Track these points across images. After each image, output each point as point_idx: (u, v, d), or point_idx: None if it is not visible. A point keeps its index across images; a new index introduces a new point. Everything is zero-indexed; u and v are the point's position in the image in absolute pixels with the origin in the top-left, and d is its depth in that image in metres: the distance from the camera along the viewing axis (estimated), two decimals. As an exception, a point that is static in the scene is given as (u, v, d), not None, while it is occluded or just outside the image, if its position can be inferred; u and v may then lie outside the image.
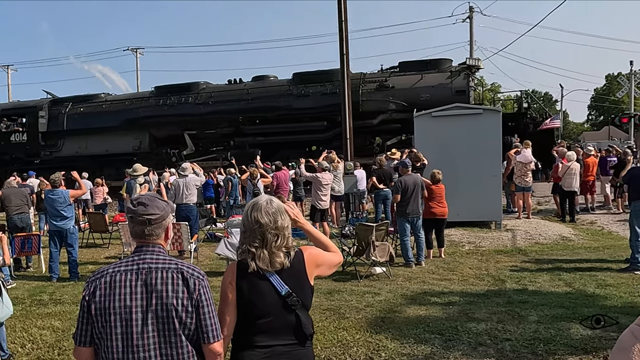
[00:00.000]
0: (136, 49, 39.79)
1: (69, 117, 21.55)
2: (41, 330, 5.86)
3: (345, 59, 12.98)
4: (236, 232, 8.09)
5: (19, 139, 22.27)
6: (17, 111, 22.94)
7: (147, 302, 2.06)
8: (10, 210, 9.48)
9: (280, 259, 2.26)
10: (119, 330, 2.06)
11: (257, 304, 2.25)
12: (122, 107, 20.96)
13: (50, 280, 8.26)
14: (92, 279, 2.14)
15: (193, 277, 2.11)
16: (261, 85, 19.29)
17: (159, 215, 2.19)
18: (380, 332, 5.23)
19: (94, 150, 21.14)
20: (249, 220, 2.31)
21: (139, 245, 2.18)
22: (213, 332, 2.12)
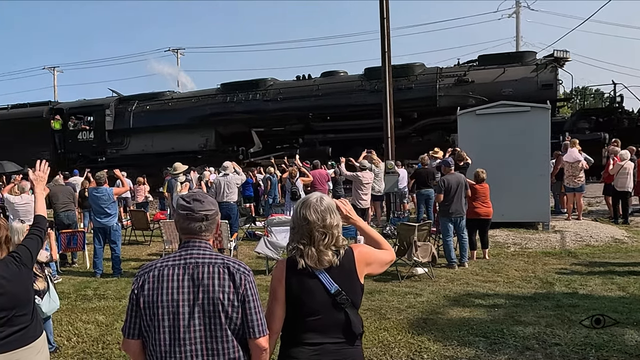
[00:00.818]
0: (177, 50, 40.67)
1: (135, 115, 21.74)
2: (86, 324, 6.07)
3: (387, 56, 12.91)
4: (276, 231, 8.18)
5: (86, 137, 22.59)
6: (84, 109, 23.18)
7: (194, 296, 2.11)
8: (57, 208, 9.86)
9: (328, 257, 2.26)
10: (166, 324, 2.11)
11: (306, 302, 2.27)
12: (188, 104, 20.98)
13: (95, 276, 8.54)
14: (141, 272, 2.21)
15: (239, 272, 2.15)
16: (331, 81, 18.92)
17: (214, 211, 2.25)
18: (423, 333, 5.17)
19: (160, 148, 21.13)
20: (297, 217, 2.33)
21: (186, 241, 2.23)
22: (259, 327, 2.15)
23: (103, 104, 22.40)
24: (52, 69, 45.20)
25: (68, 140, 22.95)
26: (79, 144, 22.78)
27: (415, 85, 17.33)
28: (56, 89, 44.88)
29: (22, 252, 2.97)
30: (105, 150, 22.35)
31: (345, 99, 18.27)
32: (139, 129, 21.39)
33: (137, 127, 21.45)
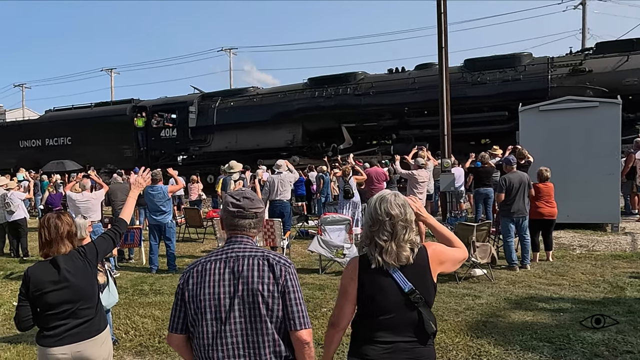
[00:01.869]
0: (230, 49, 41.50)
1: (218, 111, 21.62)
2: (143, 318, 6.28)
3: (444, 52, 12.68)
4: (329, 230, 8.21)
5: (168, 135, 22.73)
6: (168, 107, 23.24)
7: (234, 289, 2.16)
8: (116, 205, 10.27)
9: (406, 253, 2.27)
10: (209, 317, 2.17)
11: (379, 300, 2.28)
12: (274, 100, 20.66)
13: (150, 271, 8.84)
14: (187, 269, 2.29)
15: (279, 263, 2.19)
16: (428, 73, 17.86)
17: (262, 209, 2.32)
18: (482, 336, 5.06)
19: (244, 145, 20.86)
20: (378, 213, 2.32)
21: (231, 237, 2.29)
22: (300, 320, 2.16)
23: (186, 101, 22.44)
24: (109, 71, 47.17)
25: (151, 137, 23.17)
26: (161, 142, 23.00)
27: (523, 77, 16.48)
28: (113, 90, 46.81)
29: (89, 248, 3.13)
30: (188, 148, 22.43)
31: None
32: (223, 126, 21.31)
33: (221, 123, 21.35)
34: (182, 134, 22.27)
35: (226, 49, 41.53)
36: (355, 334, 2.38)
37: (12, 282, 8.56)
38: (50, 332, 2.96)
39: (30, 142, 26.34)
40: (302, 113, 19.77)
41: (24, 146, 26.46)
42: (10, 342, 5.72)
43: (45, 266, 3.00)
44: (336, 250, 7.99)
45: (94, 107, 25.37)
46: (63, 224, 3.06)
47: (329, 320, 2.47)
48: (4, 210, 10.73)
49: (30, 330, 5.90)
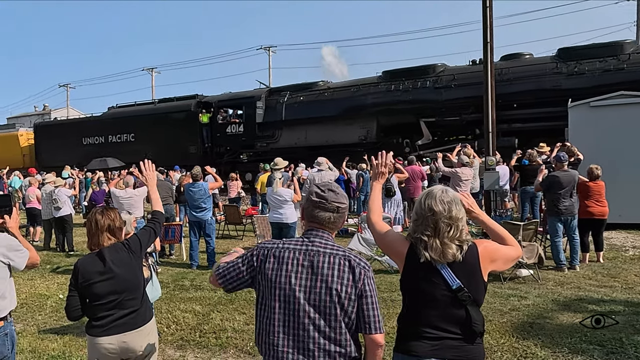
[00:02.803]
0: (269, 47, 41.85)
1: (287, 106, 21.04)
2: (184, 313, 6.43)
3: (489, 47, 12.44)
4: (369, 227, 8.19)
5: (235, 131, 22.29)
6: (234, 102, 22.90)
7: (311, 284, 2.16)
8: (156, 201, 10.53)
9: (452, 251, 2.25)
10: (280, 305, 2.19)
11: (425, 295, 2.28)
12: (347, 94, 19.86)
13: (191, 267, 9.03)
14: (265, 245, 2.29)
15: (359, 266, 2.18)
16: (517, 64, 17.17)
17: (346, 205, 2.31)
18: (528, 338, 4.96)
19: (314, 141, 20.27)
20: (422, 208, 2.33)
21: (310, 229, 2.29)
22: (375, 324, 2.16)
23: (254, 96, 22.05)
24: (150, 70, 48.30)
25: (216, 134, 22.84)
26: (227, 138, 22.57)
27: (627, 66, 15.47)
28: (154, 89, 47.92)
29: (133, 240, 3.23)
30: (255, 144, 22.01)
31: (535, 84, 16.39)
32: (292, 121, 20.78)
33: (290, 119, 20.82)
34: (248, 130, 21.89)
35: (265, 47, 41.90)
36: (401, 328, 2.38)
37: (59, 276, 8.89)
38: (98, 322, 3.07)
39: (93, 139, 26.59)
40: (377, 107, 19.02)
41: (86, 143, 26.72)
42: (58, 333, 5.95)
43: (92, 258, 3.13)
44: (376, 249, 7.98)
45: (157, 103, 25.31)
46: (104, 218, 3.18)
47: None
48: (52, 207, 11.16)
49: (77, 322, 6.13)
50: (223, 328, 5.83)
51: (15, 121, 46.77)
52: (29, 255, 3.22)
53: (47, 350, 5.36)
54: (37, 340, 5.74)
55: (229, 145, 22.87)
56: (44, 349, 5.42)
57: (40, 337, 5.84)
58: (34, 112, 60.77)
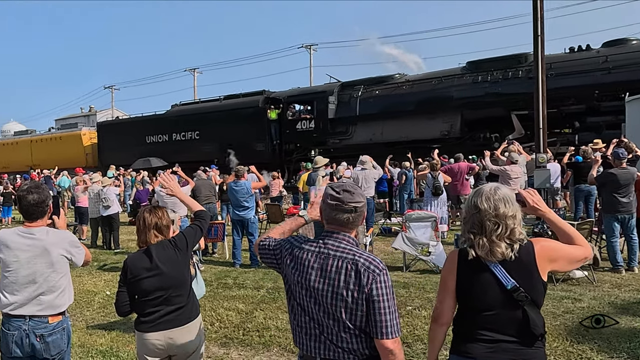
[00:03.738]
0: (310, 46, 42.00)
1: (361, 101, 20.28)
2: (227, 311, 6.52)
3: (540, 40, 12.13)
4: (414, 227, 8.11)
5: (305, 127, 21.62)
6: (305, 97, 22.27)
7: (320, 286, 2.20)
8: (200, 200, 10.70)
9: (501, 250, 2.20)
10: (298, 302, 2.28)
11: (478, 296, 2.24)
12: (427, 87, 18.98)
13: (234, 266, 9.15)
14: (291, 240, 2.37)
15: (368, 270, 2.15)
16: (622, 50, 15.96)
17: (363, 203, 2.29)
18: (583, 342, 4.80)
19: (391, 137, 19.37)
20: (468, 206, 2.31)
21: (329, 231, 2.30)
22: (384, 329, 2.13)
23: (326, 91, 21.40)
24: (192, 71, 49.20)
25: (285, 130, 22.31)
26: (297, 134, 22.00)
27: None
28: (196, 90, 48.79)
29: (179, 238, 3.31)
30: (327, 140, 21.39)
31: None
32: (367, 116, 19.99)
33: (365, 114, 20.07)
34: (320, 126, 21.13)
35: (306, 45, 42.04)
36: (456, 330, 2.35)
37: (105, 273, 9.18)
38: (146, 318, 3.16)
39: (157, 137, 26.54)
40: (462, 100, 17.98)
41: (150, 141, 26.75)
42: (105, 329, 6.13)
43: (140, 255, 3.22)
44: (421, 248, 7.89)
45: (222, 100, 25.05)
46: (151, 216, 3.27)
47: (432, 314, 2.46)
48: (99, 205, 11.52)
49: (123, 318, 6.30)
50: (266, 326, 5.88)
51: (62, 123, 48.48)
52: (84, 253, 3.34)
53: (96, 346, 5.54)
54: (85, 335, 5.94)
55: (299, 142, 22.34)
56: (93, 344, 5.60)
57: (88, 333, 6.04)
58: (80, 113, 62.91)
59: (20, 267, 3.10)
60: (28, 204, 3.16)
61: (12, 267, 3.11)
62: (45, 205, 3.23)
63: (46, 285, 3.13)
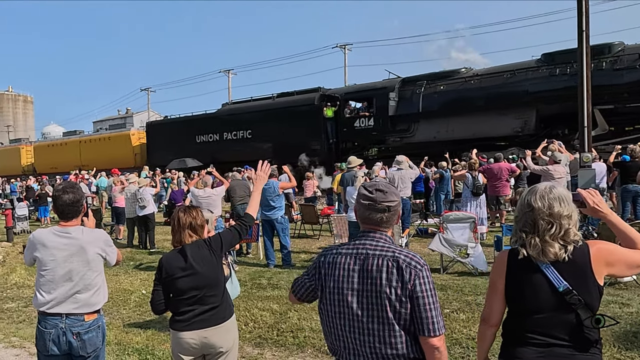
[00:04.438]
0: (344, 45, 41.96)
1: (425, 97, 19.50)
2: (261, 311, 6.54)
3: (584, 35, 11.77)
4: (452, 228, 7.99)
5: (363, 125, 20.94)
6: (364, 94, 21.50)
7: (362, 287, 2.18)
8: (235, 201, 10.83)
9: (554, 250, 2.15)
10: (336, 309, 2.24)
11: (528, 297, 2.19)
12: (498, 81, 18.11)
13: (268, 266, 9.19)
14: (324, 252, 2.38)
15: (410, 266, 2.14)
16: None
17: (397, 202, 2.28)
18: (632, 348, 4.64)
19: (458, 135, 18.59)
20: (521, 205, 2.26)
21: (363, 231, 2.30)
22: (430, 326, 2.11)
23: (386, 87, 20.65)
24: (227, 72, 49.78)
25: (342, 128, 21.77)
26: (355, 133, 21.41)
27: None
28: (230, 91, 49.33)
29: (214, 239, 3.33)
30: (387, 138, 20.85)
31: None
32: (431, 113, 19.25)
33: (428, 110, 19.31)
34: (380, 124, 20.41)
35: (341, 45, 42.03)
36: (506, 333, 2.30)
37: (141, 272, 9.34)
38: (180, 317, 3.19)
39: (207, 137, 26.28)
40: (537, 95, 17.04)
41: (200, 141, 26.51)
42: (141, 327, 6.24)
43: (175, 254, 3.26)
44: (459, 250, 7.76)
45: (275, 98, 24.56)
46: (186, 216, 3.30)
47: (481, 315, 2.42)
48: (136, 206, 11.75)
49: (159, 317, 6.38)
50: (300, 327, 5.87)
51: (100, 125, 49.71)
52: (117, 252, 3.40)
53: (132, 344, 5.63)
54: (122, 333, 6.05)
55: (356, 141, 21.93)
56: (129, 341, 5.70)
57: (125, 331, 6.16)
58: (117, 115, 64.44)
59: (57, 266, 3.17)
60: (63, 203, 3.23)
61: (49, 266, 3.17)
62: (80, 205, 3.29)
63: (82, 283, 3.19)
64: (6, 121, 78.32)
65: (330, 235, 11.61)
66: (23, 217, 15.39)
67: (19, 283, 9.58)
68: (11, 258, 11.41)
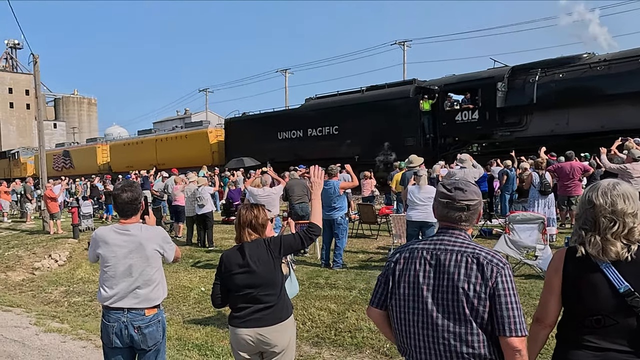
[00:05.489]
0: (403, 42, 41.60)
1: (540, 86, 17.90)
2: (319, 310, 6.58)
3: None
4: (519, 229, 7.77)
5: (467, 118, 19.47)
6: (467, 85, 19.86)
7: (438, 282, 2.15)
8: (293, 200, 10.92)
9: (615, 249, 2.07)
10: (410, 305, 2.21)
11: (585, 298, 2.12)
12: (632, 66, 16.28)
13: (322, 266, 9.19)
14: (397, 250, 2.35)
15: (491, 263, 2.10)
16: None
17: (477, 201, 2.24)
18: None
19: (579, 127, 17.12)
20: (582, 202, 2.21)
21: (444, 228, 2.27)
22: (510, 326, 2.05)
23: (494, 76, 19.16)
24: (283, 72, 50.09)
25: (441, 122, 20.33)
26: (456, 127, 19.92)
27: None
28: (287, 90, 49.67)
29: (274, 240, 3.38)
30: (494, 133, 19.31)
31: None
32: (547, 104, 17.67)
33: (544, 101, 17.74)
34: (486, 117, 18.97)
35: (399, 42, 41.69)
36: (560, 335, 2.23)
37: (200, 270, 9.59)
38: (237, 314, 3.27)
39: (289, 133, 25.51)
40: None
41: (282, 138, 25.79)
42: (200, 323, 6.41)
43: (235, 251, 3.34)
44: (526, 252, 7.53)
45: (365, 91, 23.27)
46: (247, 214, 3.37)
47: (534, 315, 2.35)
48: (195, 204, 12.07)
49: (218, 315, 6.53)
50: (359, 327, 5.86)
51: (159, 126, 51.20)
52: (175, 249, 3.51)
53: (192, 339, 5.79)
54: (182, 329, 6.24)
55: (458, 136, 20.37)
56: (189, 337, 5.87)
57: (184, 327, 6.34)
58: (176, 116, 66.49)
59: (117, 262, 3.31)
60: (122, 201, 3.36)
61: (110, 263, 3.32)
62: (138, 203, 3.42)
63: (142, 279, 3.31)
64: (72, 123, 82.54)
65: (388, 236, 11.53)
66: (88, 215, 16.09)
67: (84, 278, 10.06)
68: (77, 254, 11.99)
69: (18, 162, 46.18)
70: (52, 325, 6.65)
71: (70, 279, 10.16)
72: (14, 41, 79.55)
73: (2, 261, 11.89)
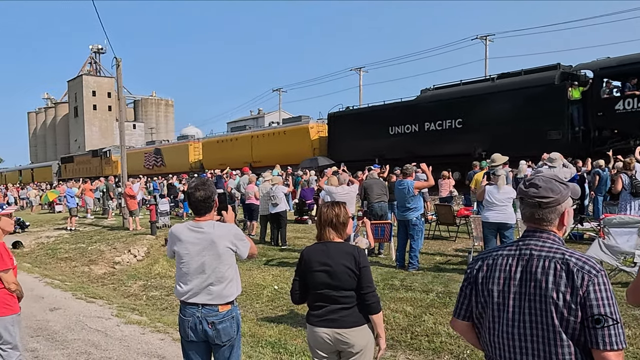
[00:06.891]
0: (485, 37, 40.50)
1: None
2: (394, 313, 6.49)
3: None
4: (615, 233, 7.35)
5: (631, 107, 17.13)
6: (632, 68, 17.24)
7: (525, 290, 2.05)
8: (371, 199, 10.88)
9: None
10: (495, 313, 2.12)
11: None
12: None
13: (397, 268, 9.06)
14: (479, 257, 2.27)
15: (582, 270, 1.96)
16: None
17: (553, 199, 2.10)
18: None
19: None
20: None
21: (529, 230, 2.17)
22: (605, 339, 1.92)
23: None
24: (358, 70, 50.04)
25: (596, 112, 17.98)
26: (617, 117, 17.51)
27: None
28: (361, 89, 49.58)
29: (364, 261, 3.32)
30: None
31: None
32: None
33: None
34: None
35: (481, 36, 40.62)
36: None
37: (273, 268, 9.72)
38: (314, 312, 3.28)
39: (403, 128, 23.94)
40: None
41: (394, 133, 24.21)
42: (273, 321, 6.47)
43: (316, 248, 3.36)
44: (624, 258, 7.11)
45: (496, 79, 21.41)
46: (328, 212, 3.39)
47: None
48: (269, 203, 12.27)
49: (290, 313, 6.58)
50: (436, 332, 5.73)
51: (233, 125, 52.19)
52: (249, 246, 3.54)
53: (265, 337, 5.86)
54: (255, 326, 6.33)
55: (617, 128, 17.90)
56: (262, 334, 5.94)
57: (258, 324, 6.43)
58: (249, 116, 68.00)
59: (191, 259, 3.40)
60: (196, 200, 3.45)
61: (184, 259, 3.42)
62: (212, 201, 3.49)
63: (214, 276, 3.38)
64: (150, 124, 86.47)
65: (468, 238, 11.23)
66: (165, 212, 16.72)
67: (161, 273, 10.47)
68: (154, 250, 12.50)
69: (110, 160, 47.84)
70: (132, 317, 6.96)
71: (148, 273, 10.59)
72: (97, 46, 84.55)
73: (86, 255, 12.60)
